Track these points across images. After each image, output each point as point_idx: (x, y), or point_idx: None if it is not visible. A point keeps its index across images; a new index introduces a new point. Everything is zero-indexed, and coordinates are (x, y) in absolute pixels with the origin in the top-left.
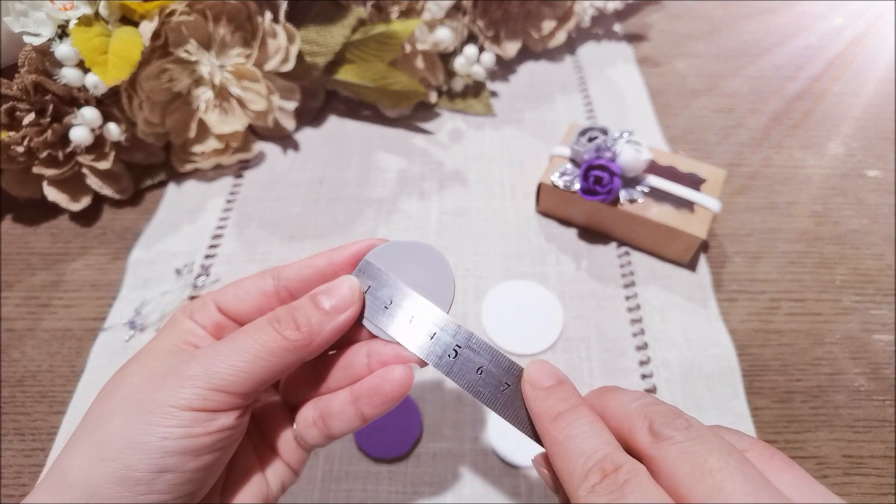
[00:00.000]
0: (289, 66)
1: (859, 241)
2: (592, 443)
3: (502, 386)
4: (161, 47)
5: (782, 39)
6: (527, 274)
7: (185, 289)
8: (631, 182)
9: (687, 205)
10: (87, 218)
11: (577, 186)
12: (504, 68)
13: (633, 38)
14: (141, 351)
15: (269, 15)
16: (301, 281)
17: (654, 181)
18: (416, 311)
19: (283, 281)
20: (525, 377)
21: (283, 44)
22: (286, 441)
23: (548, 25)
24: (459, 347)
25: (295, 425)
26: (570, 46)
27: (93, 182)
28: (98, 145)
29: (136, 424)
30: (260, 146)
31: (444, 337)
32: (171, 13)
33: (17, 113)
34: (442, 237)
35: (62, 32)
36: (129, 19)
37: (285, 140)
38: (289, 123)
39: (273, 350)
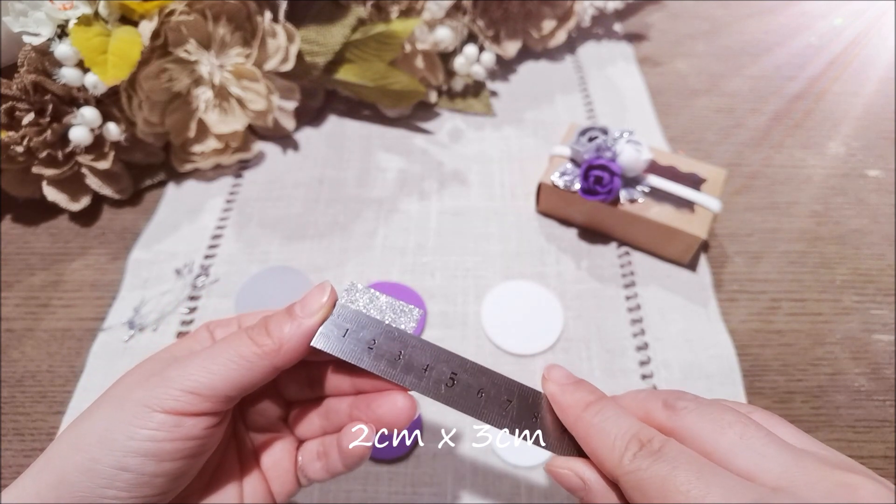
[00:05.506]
0: (288, 66)
1: (860, 241)
2: (625, 421)
3: (505, 403)
4: (161, 47)
5: (782, 39)
6: (527, 274)
7: (184, 289)
8: (631, 182)
9: (687, 205)
10: (86, 218)
11: (577, 186)
12: (504, 68)
13: (634, 37)
14: (157, 352)
15: (268, 14)
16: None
17: (655, 181)
18: (405, 347)
19: None
20: (547, 376)
21: (283, 43)
22: (281, 473)
23: (548, 25)
24: (455, 375)
25: (300, 458)
26: (571, 46)
27: (92, 182)
28: (97, 145)
29: (109, 420)
30: (260, 146)
31: (438, 367)
32: (171, 13)
33: (17, 113)
34: (442, 237)
35: (62, 32)
36: (128, 19)
37: (285, 140)
38: (288, 123)
39: (244, 355)
